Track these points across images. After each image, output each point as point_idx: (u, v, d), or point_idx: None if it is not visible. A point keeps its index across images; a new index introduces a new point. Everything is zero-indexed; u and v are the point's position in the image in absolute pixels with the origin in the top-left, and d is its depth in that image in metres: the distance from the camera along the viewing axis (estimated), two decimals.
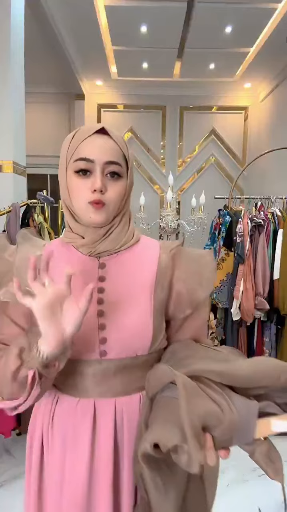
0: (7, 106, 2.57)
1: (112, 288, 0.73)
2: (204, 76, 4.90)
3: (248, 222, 2.22)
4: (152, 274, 0.75)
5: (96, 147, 0.70)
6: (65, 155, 0.75)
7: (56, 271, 0.68)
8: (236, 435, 0.54)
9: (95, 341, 0.71)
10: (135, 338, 0.72)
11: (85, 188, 0.70)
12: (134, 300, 0.73)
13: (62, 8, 3.44)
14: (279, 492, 1.84)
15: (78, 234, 0.75)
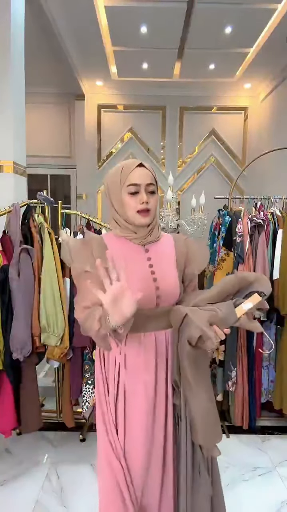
0: (7, 106, 2.57)
1: (156, 264, 1.16)
2: (204, 77, 4.90)
3: (247, 222, 2.23)
4: (173, 256, 1.20)
5: (139, 176, 1.10)
6: (118, 182, 1.11)
7: (116, 253, 1.03)
8: (227, 321, 1.01)
9: (154, 297, 1.13)
10: (173, 293, 1.16)
11: (135, 203, 1.10)
12: (169, 270, 1.17)
13: (62, 9, 3.44)
14: (279, 492, 1.84)
15: (130, 230, 1.15)
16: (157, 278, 1.13)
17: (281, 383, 2.25)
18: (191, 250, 1.22)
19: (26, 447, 2.14)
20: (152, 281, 1.12)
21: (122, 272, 0.94)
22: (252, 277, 1.08)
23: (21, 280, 1.84)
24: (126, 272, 0.97)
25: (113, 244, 1.15)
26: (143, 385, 1.13)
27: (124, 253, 1.14)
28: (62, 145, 5.57)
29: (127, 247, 1.16)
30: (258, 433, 2.31)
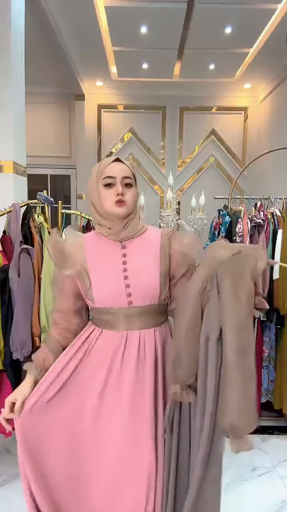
0: (7, 106, 2.57)
1: (132, 260, 1.12)
2: (204, 77, 4.91)
3: (247, 222, 2.23)
4: (156, 250, 1.15)
5: (115, 169, 1.10)
6: (95, 176, 1.12)
7: (91, 251, 1.14)
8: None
9: (124, 295, 1.10)
10: (149, 291, 1.11)
11: (111, 194, 1.09)
12: (145, 267, 1.12)
13: (63, 9, 3.44)
14: (279, 492, 1.83)
15: (106, 226, 1.13)
16: (128, 276, 1.10)
17: (281, 383, 2.25)
18: (177, 246, 1.16)
19: None
20: (122, 278, 1.10)
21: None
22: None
23: (21, 280, 1.84)
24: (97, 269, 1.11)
25: (91, 242, 1.17)
26: (96, 380, 1.09)
27: (99, 249, 1.15)
28: (62, 145, 5.57)
29: (103, 243, 1.15)
30: (258, 433, 2.31)
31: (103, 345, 1.11)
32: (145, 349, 1.11)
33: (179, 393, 0.98)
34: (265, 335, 2.37)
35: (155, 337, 1.13)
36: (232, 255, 0.95)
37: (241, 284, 0.91)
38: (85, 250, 1.14)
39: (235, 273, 0.92)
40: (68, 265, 1.11)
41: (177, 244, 1.16)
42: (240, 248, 0.97)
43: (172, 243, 1.16)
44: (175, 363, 0.99)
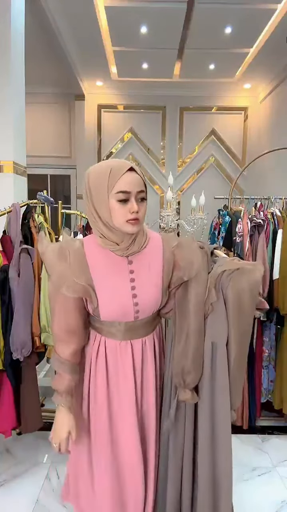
0: (7, 106, 2.57)
1: (139, 277, 1.08)
2: (204, 77, 4.91)
3: (247, 222, 2.23)
4: (160, 263, 1.11)
5: (130, 182, 0.98)
6: (105, 187, 0.98)
7: (97, 266, 1.05)
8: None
9: (132, 311, 1.08)
10: (153, 306, 1.11)
11: (125, 211, 0.99)
12: (152, 281, 1.09)
13: (62, 9, 3.44)
14: (279, 492, 1.84)
15: (113, 241, 1.04)
16: (137, 294, 1.07)
17: (281, 383, 2.25)
18: (180, 255, 1.11)
19: (26, 447, 2.14)
20: (130, 296, 1.06)
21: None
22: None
23: (21, 280, 1.84)
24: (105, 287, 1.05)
25: (94, 255, 1.06)
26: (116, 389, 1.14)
27: (106, 265, 1.06)
28: (62, 145, 5.57)
29: (109, 258, 1.06)
30: (258, 433, 2.31)
31: (113, 357, 1.14)
32: (148, 352, 1.16)
33: (189, 398, 1.09)
34: (265, 335, 2.37)
35: (154, 340, 1.19)
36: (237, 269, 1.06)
37: (246, 299, 1.05)
38: (89, 265, 1.04)
39: (240, 289, 1.05)
40: (71, 284, 1.02)
41: (181, 257, 1.11)
42: (240, 265, 1.08)
43: (176, 252, 1.11)
44: (183, 370, 1.08)
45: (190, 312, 1.07)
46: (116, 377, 1.14)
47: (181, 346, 1.08)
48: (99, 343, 1.15)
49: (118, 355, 1.13)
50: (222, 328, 1.06)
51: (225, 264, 1.10)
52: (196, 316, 1.07)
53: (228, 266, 1.08)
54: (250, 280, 1.05)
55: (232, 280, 1.05)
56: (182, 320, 1.10)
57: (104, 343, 1.14)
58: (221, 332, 1.06)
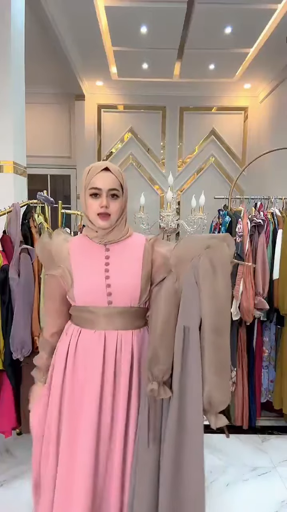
0: (7, 106, 2.57)
1: (114, 262, 1.16)
2: (204, 77, 4.91)
3: (247, 222, 2.23)
4: (140, 254, 1.19)
5: (102, 180, 1.11)
6: (84, 183, 1.14)
7: (76, 251, 1.17)
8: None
9: (104, 294, 1.13)
10: (129, 293, 1.14)
11: (96, 206, 1.12)
12: (129, 269, 1.16)
13: (63, 9, 3.44)
14: (279, 492, 1.86)
15: (93, 230, 1.17)
16: (110, 276, 1.13)
17: (281, 383, 2.25)
18: (158, 253, 1.18)
19: (26, 447, 2.13)
20: (103, 278, 1.13)
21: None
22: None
23: (21, 280, 1.84)
24: (80, 268, 1.15)
25: (76, 244, 1.21)
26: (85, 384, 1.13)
27: (83, 250, 1.19)
28: (62, 145, 5.58)
29: (88, 245, 1.20)
30: (258, 433, 2.31)
31: (83, 347, 1.15)
32: (122, 349, 1.14)
33: (156, 390, 1.01)
34: (265, 335, 2.37)
35: (132, 340, 1.16)
36: (205, 248, 1.02)
37: (220, 269, 1.00)
38: (70, 251, 1.18)
39: (214, 261, 1.00)
40: (54, 266, 1.17)
41: (159, 250, 1.19)
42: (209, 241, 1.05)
43: (155, 249, 1.19)
44: (151, 361, 1.02)
45: (157, 301, 1.08)
46: (84, 372, 1.14)
47: (151, 336, 1.06)
48: (73, 335, 1.18)
49: (90, 345, 1.14)
50: (195, 310, 1.00)
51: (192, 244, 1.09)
52: (163, 304, 1.06)
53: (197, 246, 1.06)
54: (218, 257, 1.01)
55: (201, 260, 1.01)
56: (152, 310, 1.11)
57: (78, 334, 1.17)
58: (193, 314, 1.00)
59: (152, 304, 1.15)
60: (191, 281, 1.02)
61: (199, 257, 1.02)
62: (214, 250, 1.02)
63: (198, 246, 1.05)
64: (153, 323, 1.07)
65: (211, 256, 1.01)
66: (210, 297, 0.98)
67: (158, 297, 1.09)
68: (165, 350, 1.02)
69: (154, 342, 1.03)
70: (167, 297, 1.06)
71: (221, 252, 1.02)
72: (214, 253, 1.01)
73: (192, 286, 1.02)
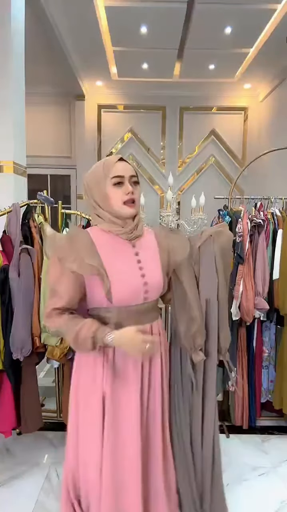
0: (7, 106, 2.57)
1: (143, 259, 1.18)
2: (204, 77, 4.91)
3: (247, 222, 2.22)
4: (156, 250, 1.22)
5: (122, 168, 1.13)
6: (102, 177, 1.12)
7: (104, 250, 1.12)
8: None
9: (141, 291, 1.15)
10: (159, 287, 1.20)
11: (121, 194, 1.12)
12: (154, 264, 1.20)
13: (63, 9, 3.44)
14: (279, 492, 1.84)
15: (118, 225, 1.15)
16: (145, 274, 1.15)
17: (281, 383, 2.25)
18: (172, 241, 1.25)
19: (26, 447, 2.14)
20: (140, 277, 1.14)
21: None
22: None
23: (21, 280, 1.84)
24: (116, 269, 1.11)
25: (100, 240, 1.14)
26: (130, 381, 1.17)
27: (113, 248, 1.15)
28: (62, 145, 5.58)
29: (115, 242, 1.16)
30: (258, 433, 2.31)
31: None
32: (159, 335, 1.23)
33: (202, 357, 1.24)
34: (265, 335, 2.37)
35: (159, 328, 1.25)
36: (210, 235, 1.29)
37: (228, 253, 1.33)
38: (97, 248, 1.11)
39: (222, 248, 1.30)
40: (81, 263, 1.07)
41: (172, 243, 1.25)
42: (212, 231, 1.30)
43: (169, 242, 1.24)
44: (196, 334, 1.23)
45: (185, 287, 1.24)
46: (124, 367, 1.16)
47: (187, 315, 1.24)
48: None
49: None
50: (213, 284, 1.27)
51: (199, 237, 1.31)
52: (191, 287, 1.24)
53: (202, 237, 1.29)
54: (227, 236, 1.33)
55: (215, 242, 1.28)
56: (181, 296, 1.26)
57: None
58: (213, 287, 1.27)
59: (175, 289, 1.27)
60: (209, 260, 1.26)
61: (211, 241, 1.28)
62: (223, 234, 1.30)
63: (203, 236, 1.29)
64: (185, 305, 1.24)
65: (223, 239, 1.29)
66: (225, 270, 1.29)
67: (187, 280, 1.24)
68: (202, 321, 1.24)
69: (196, 318, 1.23)
70: (193, 278, 1.26)
71: (228, 235, 1.32)
72: (224, 237, 1.30)
73: (210, 265, 1.27)
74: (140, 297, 1.15)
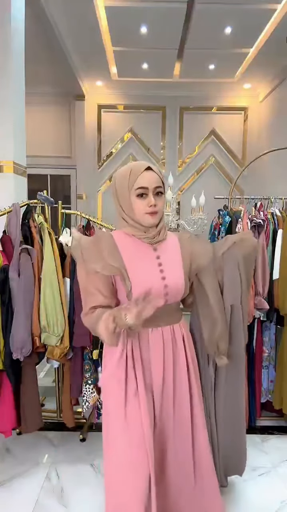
0: (7, 106, 2.57)
1: (165, 262, 1.21)
2: (204, 77, 4.91)
3: (247, 222, 2.22)
4: (179, 254, 1.26)
5: (147, 180, 1.14)
6: (127, 185, 1.15)
7: (127, 252, 1.17)
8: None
9: (162, 294, 1.18)
10: (180, 291, 1.22)
11: (144, 205, 1.15)
12: (176, 268, 1.22)
13: (63, 9, 3.44)
14: (279, 492, 1.84)
15: (141, 230, 1.20)
16: (165, 277, 1.18)
17: (281, 383, 2.25)
18: (196, 246, 1.28)
19: (26, 447, 2.14)
20: (161, 279, 1.18)
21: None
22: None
23: (21, 280, 1.84)
24: (137, 271, 1.15)
25: (123, 242, 1.20)
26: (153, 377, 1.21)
27: (135, 251, 1.19)
28: (62, 145, 5.58)
29: (137, 246, 1.21)
30: (258, 433, 2.31)
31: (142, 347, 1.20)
32: (177, 342, 1.25)
33: (226, 361, 1.28)
34: (265, 335, 2.37)
35: (182, 330, 1.28)
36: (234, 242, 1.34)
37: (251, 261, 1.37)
38: (119, 250, 1.17)
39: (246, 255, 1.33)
40: (105, 265, 1.13)
41: (196, 247, 1.28)
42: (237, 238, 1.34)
43: (193, 246, 1.28)
44: (221, 338, 1.27)
45: (207, 291, 1.27)
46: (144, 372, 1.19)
47: (210, 319, 1.28)
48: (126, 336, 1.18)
49: (150, 344, 1.20)
50: (238, 290, 1.31)
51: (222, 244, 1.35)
52: (212, 290, 1.28)
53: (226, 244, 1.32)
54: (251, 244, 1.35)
55: (239, 249, 1.31)
56: (203, 300, 1.30)
57: (134, 335, 1.19)
58: (237, 293, 1.31)
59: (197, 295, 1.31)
60: (233, 267, 1.30)
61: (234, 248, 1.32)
62: (247, 241, 1.33)
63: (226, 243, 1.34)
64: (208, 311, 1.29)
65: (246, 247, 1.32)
66: (248, 279, 1.34)
67: (209, 283, 1.29)
68: (226, 325, 1.29)
69: (218, 321, 1.27)
70: (215, 282, 1.30)
71: (251, 243, 1.35)
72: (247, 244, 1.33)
73: (234, 272, 1.30)
74: (161, 299, 1.17)
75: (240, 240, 1.32)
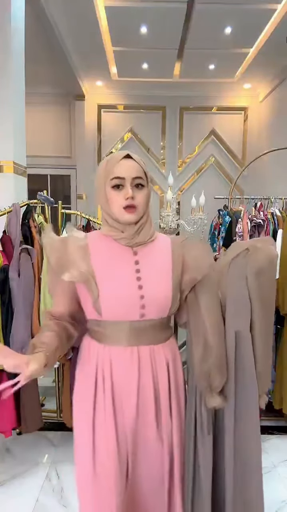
0: (7, 106, 2.57)
1: (145, 269, 1.01)
2: (204, 77, 4.90)
3: (247, 222, 2.23)
4: (168, 259, 1.04)
5: (125, 168, 0.98)
6: (102, 176, 1.00)
7: (98, 256, 1.00)
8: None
9: (137, 304, 0.98)
10: (162, 305, 1.00)
11: (120, 198, 0.97)
12: (160, 277, 1.01)
13: (63, 9, 3.44)
14: (279, 492, 1.84)
15: (118, 229, 1.01)
16: (143, 286, 0.99)
17: (281, 383, 2.25)
18: (190, 253, 1.05)
19: (26, 447, 2.14)
20: (136, 288, 0.98)
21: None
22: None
23: (21, 280, 1.84)
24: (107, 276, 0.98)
25: (96, 245, 1.03)
26: (124, 410, 1.00)
27: (108, 254, 1.02)
28: (62, 145, 5.57)
29: (113, 248, 1.03)
30: None
31: (114, 367, 1.00)
32: (157, 365, 1.03)
33: (219, 403, 0.99)
34: None
35: (165, 353, 1.05)
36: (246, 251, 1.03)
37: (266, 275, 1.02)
38: (90, 254, 1.00)
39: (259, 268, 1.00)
40: (69, 269, 0.97)
41: (191, 254, 1.05)
42: (249, 244, 1.04)
43: (186, 253, 1.05)
44: (209, 372, 0.98)
45: (201, 309, 1.00)
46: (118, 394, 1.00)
47: (201, 348, 0.99)
48: (99, 354, 1.02)
49: (123, 364, 1.00)
50: (244, 312, 1.00)
51: (231, 250, 1.07)
52: (210, 313, 1.00)
53: (235, 250, 1.04)
54: (267, 254, 1.00)
55: (250, 259, 1.00)
56: (196, 318, 1.02)
57: (106, 353, 1.01)
58: (245, 317, 1.00)
59: (190, 315, 1.04)
60: (238, 281, 1.01)
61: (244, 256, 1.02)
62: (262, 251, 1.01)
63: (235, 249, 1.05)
64: (199, 337, 1.00)
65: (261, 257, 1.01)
66: (262, 297, 1.01)
67: (206, 299, 1.01)
68: (222, 358, 0.99)
69: (212, 346, 0.98)
70: (215, 298, 1.02)
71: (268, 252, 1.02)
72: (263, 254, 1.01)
73: (239, 287, 1.01)
74: (135, 313, 0.98)
75: (254, 248, 1.01)
